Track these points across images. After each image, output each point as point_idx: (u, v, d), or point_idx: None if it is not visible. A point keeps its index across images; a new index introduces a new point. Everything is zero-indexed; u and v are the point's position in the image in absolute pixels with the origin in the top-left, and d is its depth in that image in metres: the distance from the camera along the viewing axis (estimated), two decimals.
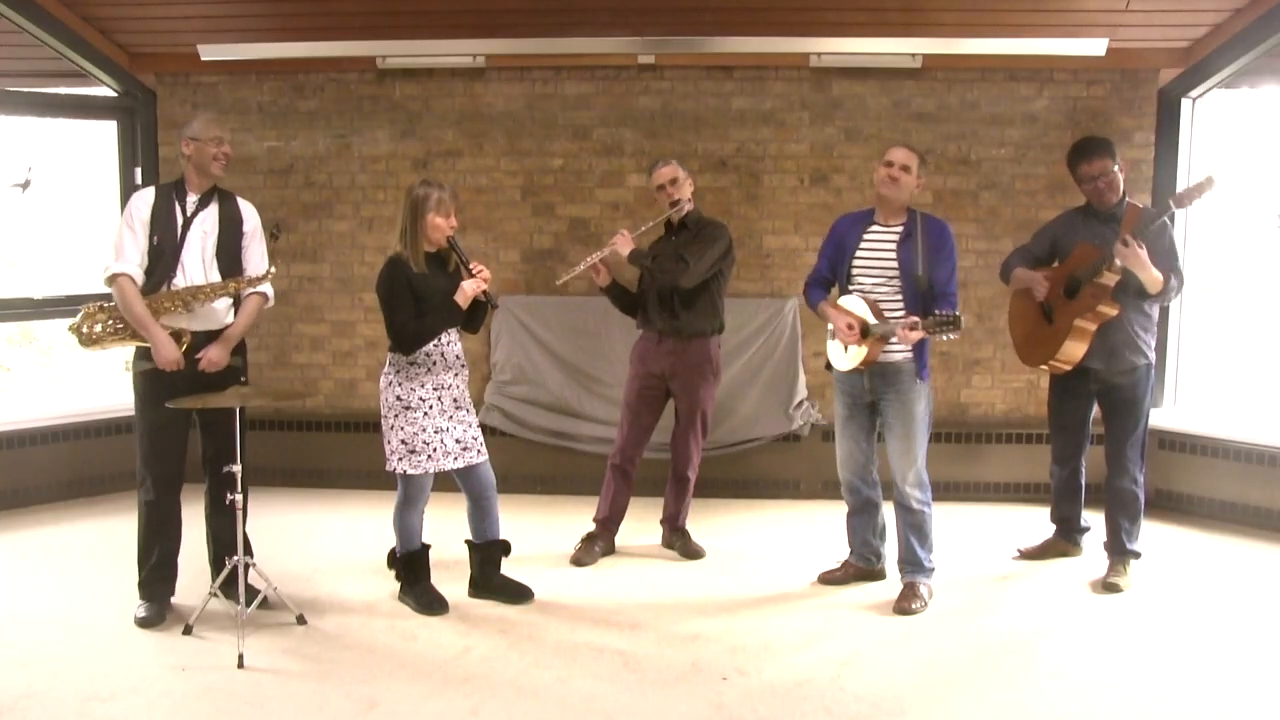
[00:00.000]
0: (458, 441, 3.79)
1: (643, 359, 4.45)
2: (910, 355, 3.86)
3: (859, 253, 3.94)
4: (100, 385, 5.50)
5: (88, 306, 3.76)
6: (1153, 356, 4.17)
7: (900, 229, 3.91)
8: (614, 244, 4.33)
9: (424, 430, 3.73)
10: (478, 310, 3.84)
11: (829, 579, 4.19)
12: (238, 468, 3.53)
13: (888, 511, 4.14)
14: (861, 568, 4.19)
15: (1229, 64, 4.91)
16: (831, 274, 4.04)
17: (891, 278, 3.88)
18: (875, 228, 3.95)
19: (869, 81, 5.35)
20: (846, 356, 3.92)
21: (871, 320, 3.82)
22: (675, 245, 4.33)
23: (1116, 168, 4.07)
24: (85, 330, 3.72)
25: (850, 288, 3.95)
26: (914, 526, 3.96)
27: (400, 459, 3.75)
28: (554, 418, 5.47)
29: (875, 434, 4.06)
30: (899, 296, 3.88)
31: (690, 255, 4.24)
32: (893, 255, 3.88)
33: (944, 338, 3.64)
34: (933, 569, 4.00)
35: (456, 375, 3.84)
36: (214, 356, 3.73)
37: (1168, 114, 5.28)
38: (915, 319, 3.68)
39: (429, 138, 5.54)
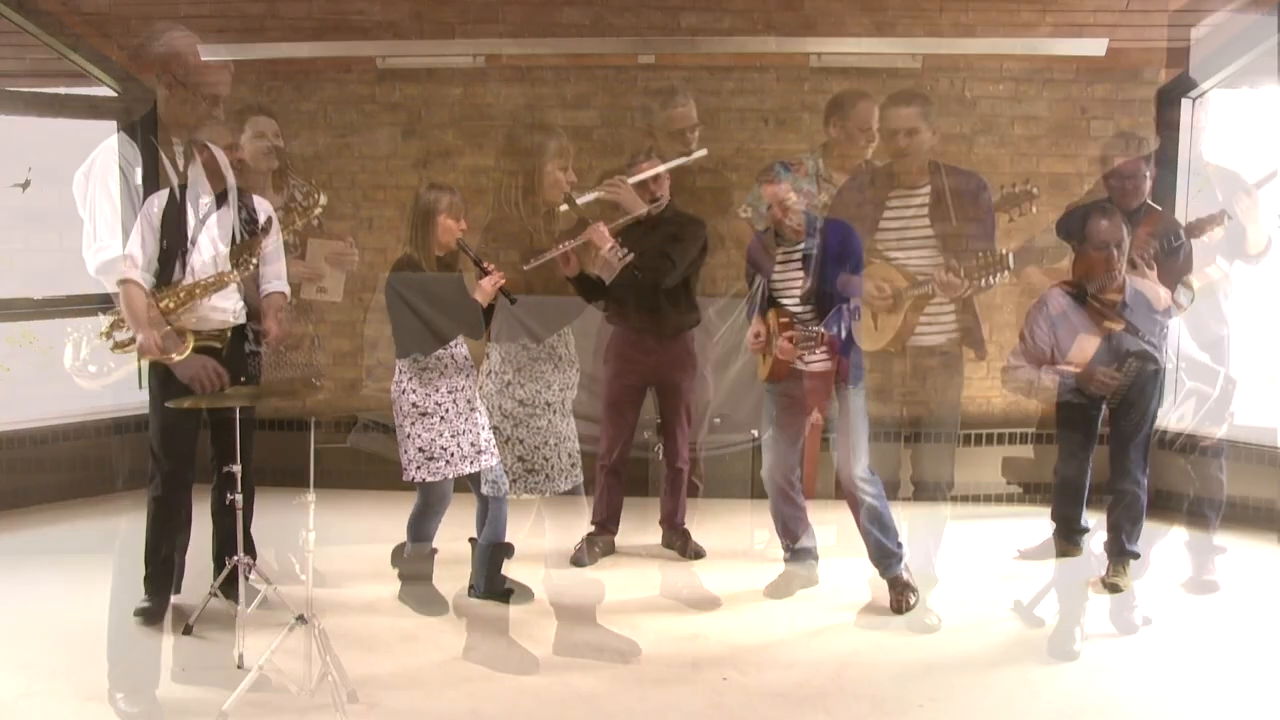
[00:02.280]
0: (472, 444, 3.78)
1: (621, 357, 4.42)
2: (830, 366, 3.90)
3: (775, 277, 4.04)
4: (100, 385, 5.49)
5: (113, 314, 3.84)
6: (1163, 362, 4.13)
7: (801, 249, 3.96)
8: (588, 235, 4.21)
9: (441, 435, 3.71)
10: (487, 313, 3.83)
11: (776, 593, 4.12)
12: (237, 467, 3.52)
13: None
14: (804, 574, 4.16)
15: (1229, 64, 4.91)
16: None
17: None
18: (784, 247, 4.01)
19: (869, 81, 5.34)
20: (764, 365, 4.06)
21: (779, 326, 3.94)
22: (657, 241, 4.28)
23: (1148, 173, 4.03)
24: (116, 337, 3.81)
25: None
26: (874, 519, 3.92)
27: (418, 467, 3.73)
28: None
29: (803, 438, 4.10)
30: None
31: (675, 254, 4.22)
32: (799, 275, 3.95)
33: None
34: (904, 555, 3.96)
35: (468, 377, 3.83)
36: (277, 330, 3.84)
37: (1168, 114, 5.28)
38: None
39: (429, 138, 5.53)
